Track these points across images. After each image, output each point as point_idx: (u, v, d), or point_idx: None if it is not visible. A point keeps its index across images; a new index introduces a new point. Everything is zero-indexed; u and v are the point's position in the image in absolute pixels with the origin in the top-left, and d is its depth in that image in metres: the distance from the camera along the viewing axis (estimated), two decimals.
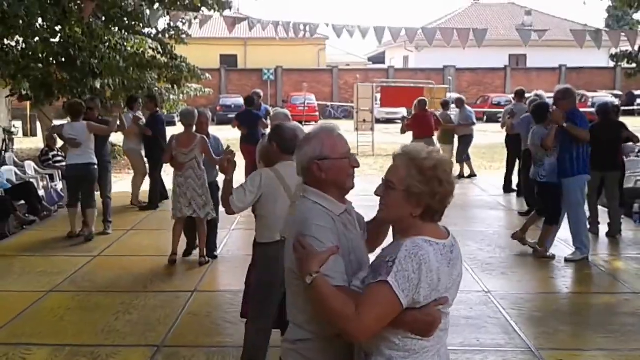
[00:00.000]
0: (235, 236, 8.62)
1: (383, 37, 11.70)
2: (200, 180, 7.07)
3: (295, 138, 3.96)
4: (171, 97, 18.10)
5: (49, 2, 9.13)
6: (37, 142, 20.79)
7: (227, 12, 16.70)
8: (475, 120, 13.89)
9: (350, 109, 21.15)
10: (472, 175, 13.68)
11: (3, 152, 13.20)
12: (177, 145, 7.10)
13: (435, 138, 12.33)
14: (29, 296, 6.24)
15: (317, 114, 32.41)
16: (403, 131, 12.59)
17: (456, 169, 12.94)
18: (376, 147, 19.02)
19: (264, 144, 4.40)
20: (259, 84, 37.66)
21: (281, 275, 2.65)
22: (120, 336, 5.27)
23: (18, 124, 21.30)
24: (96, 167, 8.44)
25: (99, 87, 13.82)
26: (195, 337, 5.26)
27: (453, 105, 15.14)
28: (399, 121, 31.05)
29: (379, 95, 21.57)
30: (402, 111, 30.54)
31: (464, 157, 13.51)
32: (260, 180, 4.09)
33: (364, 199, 3.10)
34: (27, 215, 9.50)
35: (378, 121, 22.08)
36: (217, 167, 6.66)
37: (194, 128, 7.21)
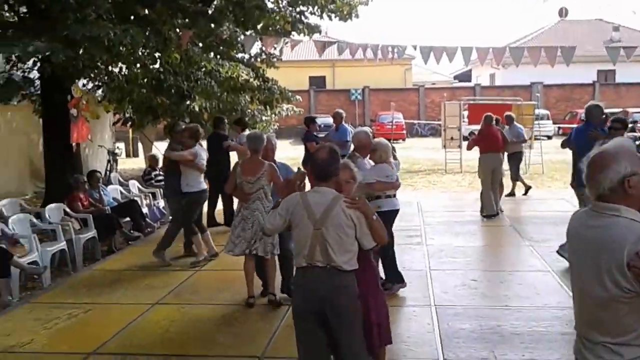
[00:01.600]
0: None
1: (470, 57, 11.58)
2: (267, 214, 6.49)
3: (327, 165, 3.95)
4: (263, 118, 18.78)
5: (150, 31, 9.61)
6: (139, 163, 21.86)
7: (316, 36, 17.04)
8: (526, 138, 13.78)
9: (437, 126, 21.00)
10: (527, 190, 13.57)
11: (108, 172, 13.94)
12: (242, 173, 6.39)
13: (502, 154, 12.05)
14: (136, 308, 6.54)
15: (405, 132, 32.92)
16: (470, 147, 12.36)
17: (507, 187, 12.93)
18: (464, 164, 18.78)
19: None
20: (347, 104, 38.08)
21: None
22: (223, 348, 5.43)
23: (121, 145, 22.47)
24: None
25: (197, 109, 14.47)
26: (294, 348, 5.32)
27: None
28: None
29: (466, 113, 21.32)
30: None
31: (517, 174, 13.47)
32: (287, 205, 4.03)
33: None
34: (131, 231, 9.99)
35: (465, 138, 21.78)
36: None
37: (260, 154, 6.48)
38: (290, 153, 21.25)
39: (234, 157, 10.43)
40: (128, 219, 10.03)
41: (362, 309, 3.95)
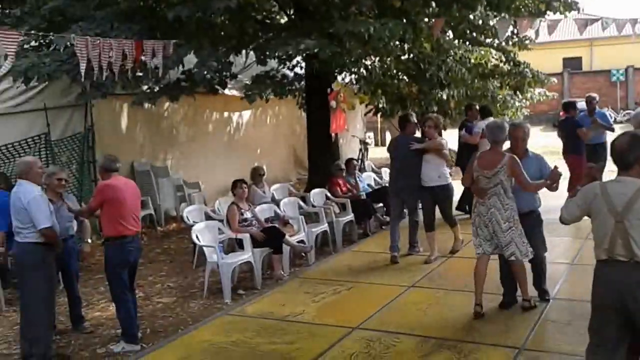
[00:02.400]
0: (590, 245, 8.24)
1: None
2: (506, 212, 5.73)
3: (626, 153, 3.69)
4: (516, 103, 18.17)
5: (405, 22, 9.92)
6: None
7: (574, 14, 15.99)
8: None
9: None
10: None
11: (361, 160, 14.71)
12: (479, 166, 5.85)
13: None
14: (393, 289, 6.88)
15: None
16: None
17: None
18: None
19: None
20: (607, 86, 35.14)
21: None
22: (481, 335, 5.46)
23: (370, 134, 23.48)
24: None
25: (444, 97, 14.57)
26: (556, 344, 5.22)
27: None
28: None
29: None
30: None
31: None
32: (585, 195, 3.87)
33: None
34: (384, 216, 10.49)
35: None
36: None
37: (503, 146, 5.92)
38: (540, 141, 20.31)
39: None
40: (381, 204, 10.53)
41: None
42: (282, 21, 12.30)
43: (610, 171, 5.01)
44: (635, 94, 33.96)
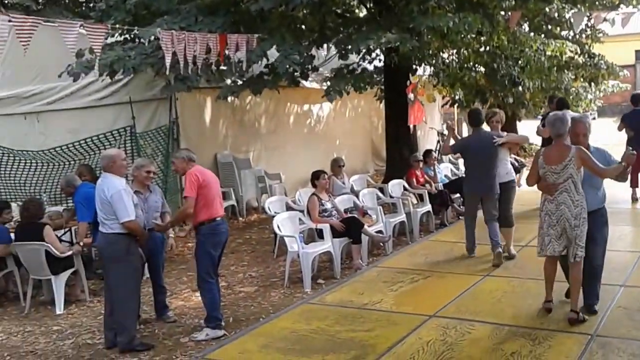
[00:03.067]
0: None
1: None
2: (576, 209, 5.15)
3: None
4: (588, 95, 17.33)
5: (483, 15, 9.43)
6: None
7: None
8: None
9: None
10: None
11: (438, 151, 14.19)
12: (545, 162, 5.30)
13: None
14: (469, 278, 6.65)
15: None
16: None
17: None
18: None
19: None
20: None
21: None
22: (554, 322, 5.27)
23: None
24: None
25: (520, 89, 13.90)
26: (628, 330, 4.99)
27: None
28: None
29: None
30: None
31: None
32: None
33: None
34: (461, 206, 9.99)
35: None
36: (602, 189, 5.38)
37: (567, 139, 5.32)
38: (614, 132, 19.19)
39: None
40: (458, 195, 10.05)
41: None
42: (361, 15, 12.00)
43: None
44: None
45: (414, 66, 10.99)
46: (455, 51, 12.64)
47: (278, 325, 5.63)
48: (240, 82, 9.92)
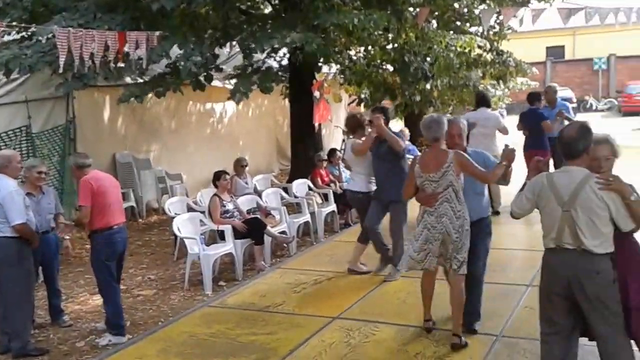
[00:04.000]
0: None
1: None
2: (459, 220, 4.92)
3: (574, 142, 3.73)
4: (497, 92, 18.23)
5: (390, 12, 9.92)
6: None
7: (557, 3, 16.06)
8: None
9: None
10: None
11: (343, 151, 14.68)
12: (422, 170, 5.03)
13: None
14: (373, 279, 6.95)
15: None
16: None
17: None
18: None
19: None
20: (589, 75, 35.42)
21: None
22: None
23: None
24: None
25: (428, 87, 14.59)
26: (534, 330, 5.08)
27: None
28: None
29: None
30: None
31: None
32: (533, 187, 3.94)
33: None
34: None
35: None
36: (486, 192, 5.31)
37: (443, 143, 5.10)
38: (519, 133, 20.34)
39: None
40: None
41: (621, 294, 3.75)
42: (267, 11, 12.27)
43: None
44: (617, 83, 34.15)
45: (320, 64, 11.39)
46: (363, 49, 13.15)
47: (177, 329, 5.80)
48: (140, 81, 10.01)
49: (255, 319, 5.91)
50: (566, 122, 9.67)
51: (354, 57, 12.98)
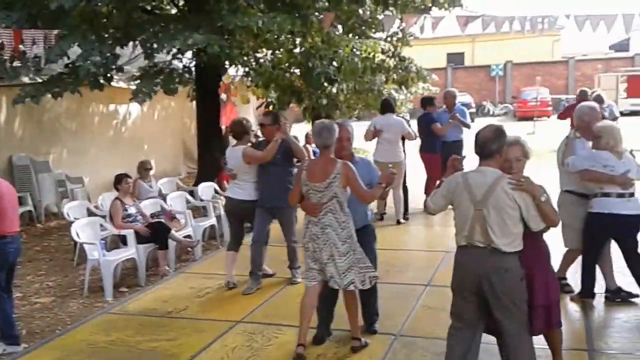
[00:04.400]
0: None
1: (631, 24, 10.74)
2: (344, 231, 4.77)
3: (488, 143, 3.90)
4: (400, 97, 18.70)
5: (296, 16, 9.98)
6: None
7: (457, 11, 16.68)
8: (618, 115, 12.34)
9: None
10: None
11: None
12: (308, 178, 4.85)
13: None
14: (279, 282, 6.95)
15: (550, 108, 30.61)
16: (560, 118, 11.80)
17: None
18: None
19: None
20: (487, 81, 37.02)
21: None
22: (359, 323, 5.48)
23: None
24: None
25: (335, 91, 14.80)
26: (431, 328, 5.38)
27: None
28: None
29: (623, 86, 19.84)
30: None
31: None
32: (448, 185, 4.09)
33: None
34: None
35: (622, 113, 20.49)
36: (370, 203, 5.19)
37: (332, 151, 4.88)
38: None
39: None
40: None
41: (527, 291, 3.91)
42: (172, 12, 12.07)
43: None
44: (513, 89, 35.87)
45: (225, 66, 11.32)
46: (270, 52, 13.17)
47: (75, 337, 5.62)
48: (40, 80, 9.59)
49: (157, 325, 5.80)
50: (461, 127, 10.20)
51: (261, 60, 12.97)
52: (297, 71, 13.92)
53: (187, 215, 8.50)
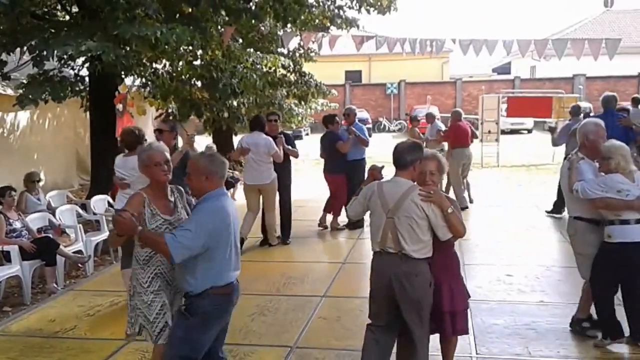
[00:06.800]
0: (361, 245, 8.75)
1: (511, 49, 11.36)
2: None
3: (403, 154, 4.06)
4: (300, 111, 18.80)
5: (195, 29, 9.70)
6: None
7: (353, 30, 17.00)
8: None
9: (474, 120, 20.84)
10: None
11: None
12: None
13: (470, 148, 11.83)
14: None
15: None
16: (439, 141, 12.10)
17: None
18: (501, 158, 18.51)
19: None
20: (382, 98, 37.96)
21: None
22: (256, 336, 5.48)
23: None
24: None
25: (235, 104, 14.59)
26: (327, 340, 5.37)
27: (423, 121, 14.83)
28: (525, 132, 30.14)
29: (504, 106, 20.95)
30: (528, 122, 29.61)
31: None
32: (365, 193, 4.23)
33: None
34: None
35: (503, 132, 21.54)
36: None
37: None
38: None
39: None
40: None
41: (434, 297, 4.03)
42: (66, 18, 11.42)
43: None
44: (406, 106, 36.92)
45: (122, 76, 10.84)
46: (168, 63, 12.77)
47: None
48: None
49: (42, 347, 5.39)
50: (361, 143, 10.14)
51: (160, 71, 12.53)
52: (199, 83, 13.65)
53: (78, 230, 7.96)
